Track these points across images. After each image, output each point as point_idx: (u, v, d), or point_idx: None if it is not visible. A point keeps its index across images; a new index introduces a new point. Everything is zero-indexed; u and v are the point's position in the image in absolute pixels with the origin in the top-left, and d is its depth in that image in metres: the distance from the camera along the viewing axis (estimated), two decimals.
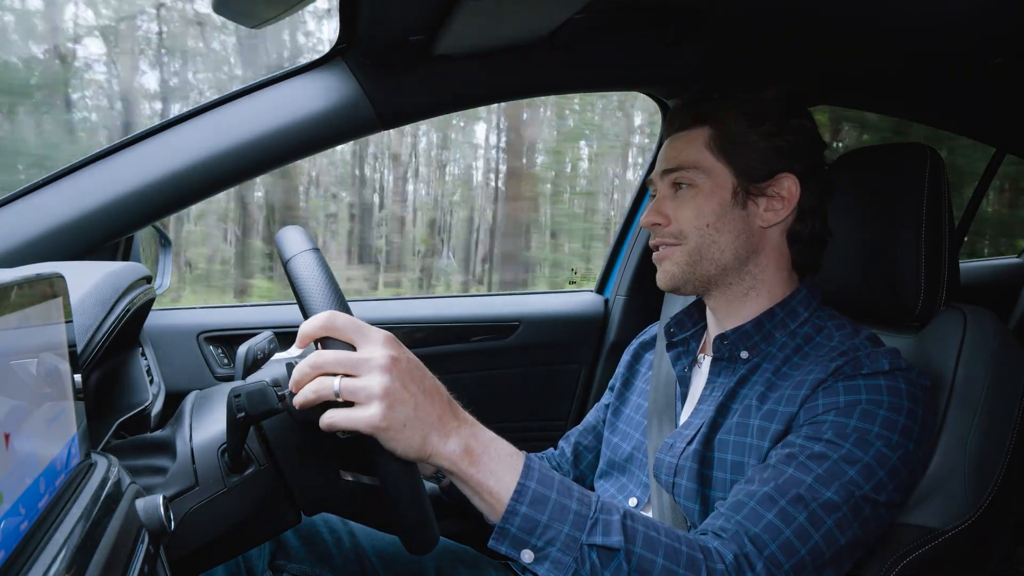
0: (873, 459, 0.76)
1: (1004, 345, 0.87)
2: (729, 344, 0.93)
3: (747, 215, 0.92)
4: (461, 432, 0.67)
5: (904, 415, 0.78)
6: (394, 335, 0.68)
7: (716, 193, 0.91)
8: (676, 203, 0.94)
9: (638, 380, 1.12)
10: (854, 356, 0.84)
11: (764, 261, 0.94)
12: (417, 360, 0.69)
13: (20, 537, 0.44)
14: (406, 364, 0.66)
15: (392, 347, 0.66)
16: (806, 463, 0.76)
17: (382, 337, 0.66)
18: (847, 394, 0.80)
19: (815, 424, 0.80)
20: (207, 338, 1.48)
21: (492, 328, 1.70)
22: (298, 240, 0.75)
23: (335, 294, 0.71)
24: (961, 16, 1.21)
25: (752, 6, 1.21)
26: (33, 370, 0.49)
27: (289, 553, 1.04)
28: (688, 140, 0.94)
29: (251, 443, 0.80)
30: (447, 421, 0.67)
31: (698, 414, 0.94)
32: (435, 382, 0.70)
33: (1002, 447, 0.84)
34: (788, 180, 0.91)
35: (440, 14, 1.02)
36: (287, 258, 0.74)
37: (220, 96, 1.15)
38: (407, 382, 0.65)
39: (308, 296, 0.71)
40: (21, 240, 1.06)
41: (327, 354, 0.65)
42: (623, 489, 1.03)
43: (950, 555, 0.84)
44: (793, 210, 0.92)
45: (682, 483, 0.90)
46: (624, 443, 1.06)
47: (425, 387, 0.67)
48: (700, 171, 0.92)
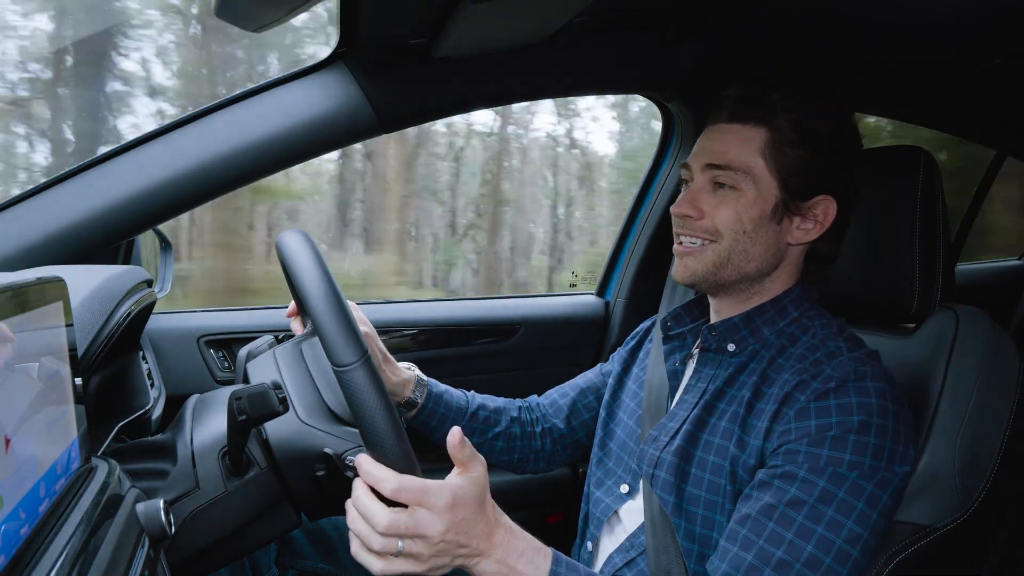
0: (848, 493, 0.76)
1: (996, 344, 0.87)
2: (717, 336, 0.93)
3: (780, 230, 0.90)
4: (493, 556, 0.74)
5: (874, 434, 0.78)
6: (455, 493, 0.71)
7: (758, 203, 0.88)
8: (715, 200, 0.90)
9: (637, 367, 1.12)
10: (822, 367, 0.83)
11: (779, 274, 0.93)
12: (473, 512, 0.72)
13: (20, 541, 0.44)
14: (458, 530, 0.71)
15: (447, 515, 0.70)
16: (787, 513, 0.77)
17: (443, 506, 0.70)
18: (818, 417, 0.79)
19: (789, 454, 0.80)
20: (207, 342, 1.48)
21: (493, 331, 1.69)
22: (300, 245, 0.75)
23: (339, 306, 0.70)
24: (960, 18, 1.22)
25: (752, 8, 1.21)
26: (34, 374, 0.49)
27: (295, 550, 1.04)
28: (742, 140, 0.88)
29: (252, 446, 0.80)
30: (481, 551, 0.73)
31: (683, 404, 0.94)
32: (484, 523, 0.73)
33: (993, 445, 0.84)
34: (827, 202, 0.89)
35: (440, 17, 1.02)
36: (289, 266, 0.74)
37: (221, 100, 1.15)
38: (456, 546, 0.71)
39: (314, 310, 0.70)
40: (22, 244, 1.06)
41: (399, 523, 0.69)
42: (613, 475, 1.03)
43: (942, 553, 0.84)
44: (824, 232, 0.90)
45: (660, 475, 0.90)
46: (619, 429, 1.06)
47: (472, 534, 0.72)
48: (749, 177, 0.88)
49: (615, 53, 1.31)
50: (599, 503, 1.01)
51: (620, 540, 0.96)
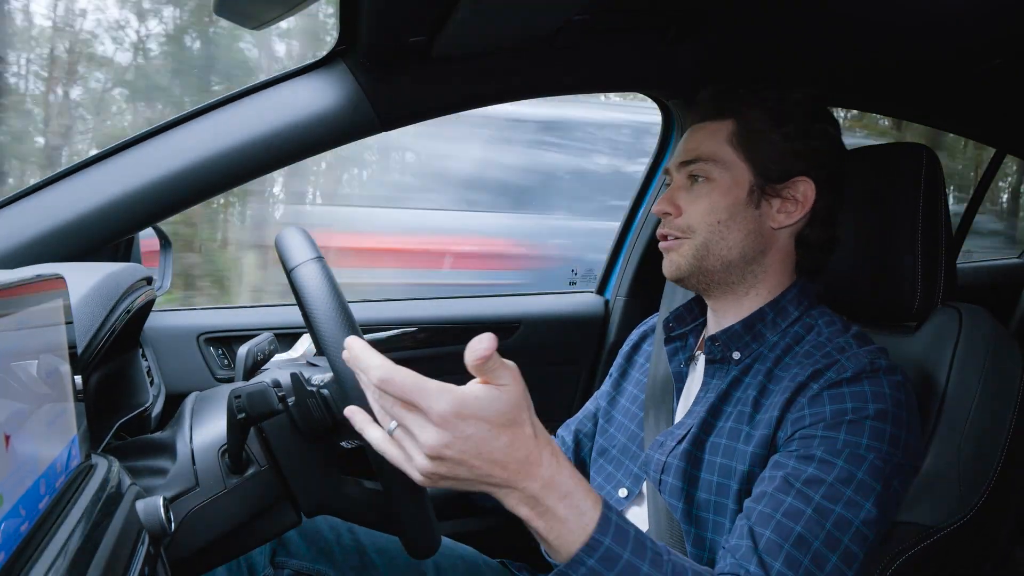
0: (867, 474, 0.76)
1: (1000, 343, 0.87)
2: (720, 345, 0.93)
3: (760, 215, 0.91)
4: (528, 491, 0.62)
5: (891, 422, 0.78)
6: (460, 401, 0.59)
7: (732, 190, 0.91)
8: (690, 196, 0.93)
9: (635, 371, 1.12)
10: (836, 359, 0.83)
11: (769, 261, 0.93)
12: (491, 431, 0.59)
13: (20, 539, 0.44)
14: (465, 449, 0.59)
15: (446, 427, 0.58)
16: (804, 491, 0.75)
17: (440, 413, 0.58)
18: (832, 403, 0.79)
19: (804, 439, 0.79)
20: (207, 339, 1.48)
21: (492, 329, 1.68)
22: (302, 246, 0.75)
23: (344, 313, 0.70)
24: (960, 18, 1.22)
25: (752, 7, 1.21)
26: (33, 371, 0.49)
27: (290, 550, 1.04)
28: (710, 132, 0.93)
29: (251, 444, 0.80)
30: (512, 482, 0.61)
31: (691, 415, 0.94)
32: (512, 447, 0.60)
33: (997, 446, 0.84)
34: (804, 184, 0.90)
35: (440, 15, 1.02)
36: (290, 267, 0.74)
37: (220, 97, 1.15)
38: (458, 463, 0.59)
39: (317, 315, 0.70)
40: (21, 241, 1.06)
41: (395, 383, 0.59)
42: (612, 479, 1.03)
43: (945, 553, 0.84)
44: (806, 214, 0.92)
45: (668, 480, 0.90)
46: (619, 433, 1.06)
47: (494, 459, 0.60)
48: (719, 165, 0.91)
49: (615, 52, 1.31)
50: None
51: None
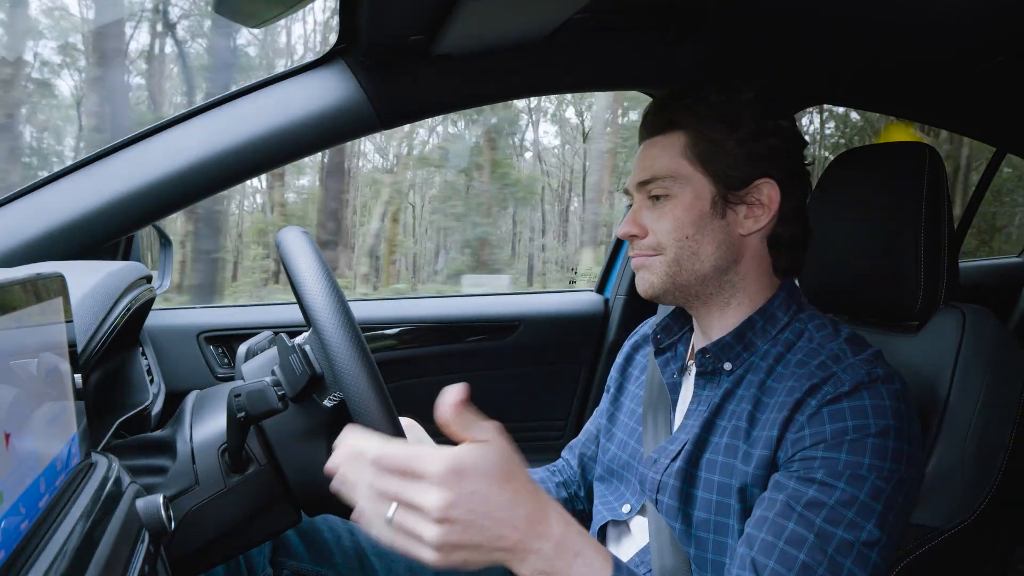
0: (869, 495, 0.74)
1: (1003, 344, 0.87)
2: (711, 357, 0.91)
3: (727, 224, 0.89)
4: (542, 553, 0.62)
5: (893, 438, 0.77)
6: (458, 459, 0.58)
7: (695, 204, 0.88)
8: (654, 214, 0.91)
9: (631, 384, 1.11)
10: (832, 371, 0.81)
11: (744, 269, 0.91)
12: (492, 485, 0.59)
13: (20, 537, 0.44)
14: (471, 507, 0.58)
15: (450, 486, 0.58)
16: (805, 515, 0.74)
17: (439, 473, 0.57)
18: (832, 421, 0.78)
19: (805, 461, 0.78)
20: (207, 338, 1.48)
21: (492, 328, 1.70)
22: (300, 243, 0.75)
23: (341, 307, 0.70)
24: (960, 18, 1.22)
25: (752, 6, 1.21)
26: (33, 370, 0.49)
27: (289, 551, 1.04)
28: (663, 147, 0.90)
29: (251, 443, 0.80)
30: (526, 544, 0.61)
31: (684, 429, 0.92)
32: (517, 502, 0.60)
33: (1001, 446, 0.84)
34: (767, 186, 0.88)
35: (440, 14, 1.02)
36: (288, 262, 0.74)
37: (220, 95, 1.16)
38: (468, 525, 0.58)
39: (313, 309, 0.70)
40: (21, 240, 1.06)
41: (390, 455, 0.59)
42: (617, 494, 1.02)
43: (951, 554, 0.84)
44: (774, 215, 0.89)
45: (664, 500, 0.88)
46: (620, 450, 1.04)
47: (501, 518, 0.59)
48: (677, 181, 0.88)
49: (615, 50, 1.31)
50: (602, 520, 1.01)
51: (630, 554, 0.95)
